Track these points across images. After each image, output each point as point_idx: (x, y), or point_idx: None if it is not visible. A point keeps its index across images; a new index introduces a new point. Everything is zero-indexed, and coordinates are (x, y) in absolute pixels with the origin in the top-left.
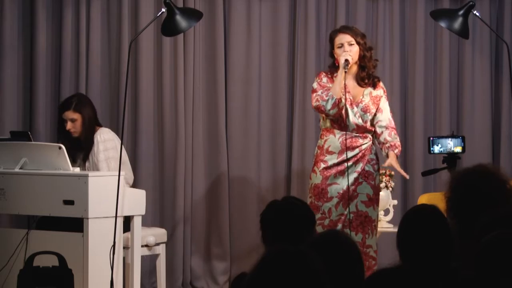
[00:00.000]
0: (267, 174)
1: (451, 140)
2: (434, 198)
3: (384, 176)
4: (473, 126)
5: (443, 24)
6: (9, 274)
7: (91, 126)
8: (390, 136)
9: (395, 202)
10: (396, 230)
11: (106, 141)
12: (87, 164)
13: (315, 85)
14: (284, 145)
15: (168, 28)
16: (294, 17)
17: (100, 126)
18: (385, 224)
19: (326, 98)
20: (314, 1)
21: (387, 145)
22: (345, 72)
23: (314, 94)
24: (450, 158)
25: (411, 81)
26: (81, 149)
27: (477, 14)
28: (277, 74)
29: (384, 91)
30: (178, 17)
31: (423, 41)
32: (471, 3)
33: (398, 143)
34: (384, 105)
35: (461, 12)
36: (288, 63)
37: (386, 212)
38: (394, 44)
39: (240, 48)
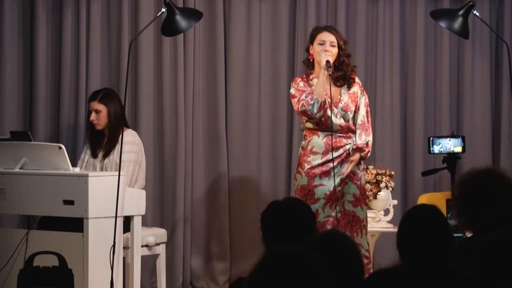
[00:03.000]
0: (267, 174)
1: (451, 140)
2: (434, 198)
3: (384, 176)
4: (473, 126)
5: (443, 24)
6: (9, 274)
7: (116, 122)
8: (361, 138)
9: (395, 202)
10: (396, 230)
11: (132, 143)
12: (106, 160)
13: (292, 90)
14: (284, 145)
15: (168, 28)
16: (294, 17)
17: (128, 127)
18: (385, 224)
19: (312, 102)
20: (314, 1)
21: (354, 147)
22: (329, 74)
23: (296, 100)
24: (450, 158)
25: (411, 81)
26: (103, 144)
27: (477, 14)
28: (277, 74)
29: (360, 86)
30: (178, 17)
31: (423, 41)
32: (471, 3)
33: (366, 145)
34: (361, 100)
35: (461, 12)
36: (288, 63)
37: (386, 212)
38: (394, 44)
39: (240, 48)
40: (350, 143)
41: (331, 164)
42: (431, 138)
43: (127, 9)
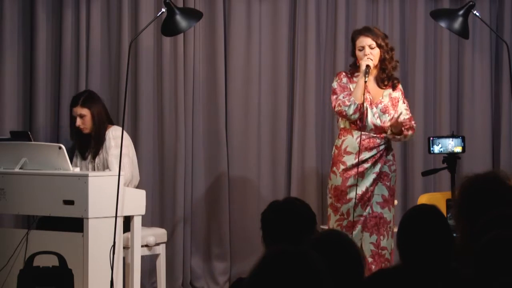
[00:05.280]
0: (267, 174)
1: (451, 140)
2: (434, 198)
3: None
4: (473, 126)
5: (443, 24)
6: (9, 274)
7: (101, 122)
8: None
9: (395, 202)
10: (396, 230)
11: (118, 138)
12: (96, 160)
13: (335, 84)
14: (284, 145)
15: (168, 28)
16: (294, 17)
17: (113, 124)
18: None
19: (348, 104)
20: (314, 1)
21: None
22: (366, 78)
23: (335, 97)
24: (450, 158)
25: (411, 81)
26: (91, 146)
27: (477, 14)
28: (277, 74)
29: (401, 93)
30: (178, 17)
31: (423, 41)
32: (471, 3)
33: (410, 122)
34: (401, 106)
35: (461, 12)
36: (288, 63)
37: None
38: (394, 44)
39: (240, 48)
40: (384, 143)
41: (365, 165)
42: (431, 138)
43: (127, 9)
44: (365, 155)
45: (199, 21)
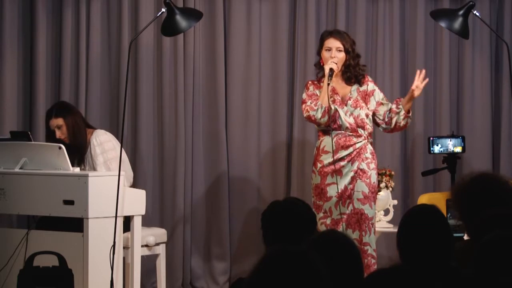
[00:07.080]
0: (267, 174)
1: (451, 140)
2: (434, 198)
3: (384, 176)
4: (473, 126)
5: (443, 24)
6: (9, 274)
7: (78, 128)
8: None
9: (395, 202)
10: (396, 230)
11: (103, 143)
12: (87, 167)
13: (304, 95)
14: (284, 145)
15: (168, 28)
16: (294, 17)
17: (93, 128)
18: (385, 224)
19: (316, 108)
20: (314, 1)
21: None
22: (329, 82)
23: (304, 105)
24: (450, 158)
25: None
26: (74, 153)
27: (477, 14)
28: (277, 74)
29: (374, 84)
30: (178, 17)
31: (423, 41)
32: (471, 3)
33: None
34: (379, 96)
35: (461, 12)
36: (288, 63)
37: (386, 212)
38: (394, 44)
39: (240, 48)
40: (360, 142)
41: (341, 163)
42: (431, 138)
43: (127, 9)
44: (342, 153)
45: (199, 21)
